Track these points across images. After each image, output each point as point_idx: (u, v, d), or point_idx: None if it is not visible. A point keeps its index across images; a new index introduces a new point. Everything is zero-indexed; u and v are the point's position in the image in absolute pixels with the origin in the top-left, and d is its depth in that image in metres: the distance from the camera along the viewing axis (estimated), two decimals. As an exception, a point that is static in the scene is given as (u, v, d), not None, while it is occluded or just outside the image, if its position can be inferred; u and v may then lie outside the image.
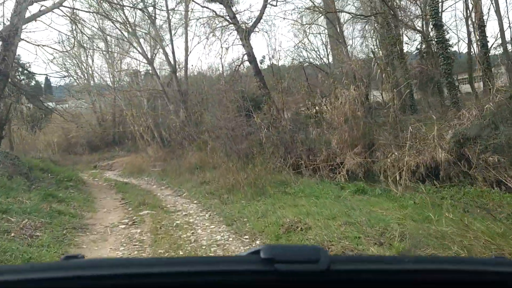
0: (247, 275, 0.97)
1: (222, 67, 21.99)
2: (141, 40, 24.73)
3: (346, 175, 10.00)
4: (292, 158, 11.73)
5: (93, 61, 34.10)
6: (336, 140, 10.86)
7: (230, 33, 19.43)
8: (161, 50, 25.12)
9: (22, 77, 30.93)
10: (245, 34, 17.87)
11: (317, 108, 12.15)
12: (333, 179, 10.14)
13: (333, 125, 11.01)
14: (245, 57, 18.45)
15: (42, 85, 44.06)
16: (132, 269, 0.98)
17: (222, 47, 20.30)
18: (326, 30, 21.16)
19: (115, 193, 12.87)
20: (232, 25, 18.68)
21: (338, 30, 17.86)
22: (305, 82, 14.06)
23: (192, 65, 29.90)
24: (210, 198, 10.30)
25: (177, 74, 25.29)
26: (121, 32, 23.94)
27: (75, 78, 33.51)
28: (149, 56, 24.84)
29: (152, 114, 24.09)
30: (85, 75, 34.33)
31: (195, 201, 10.42)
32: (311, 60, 19.49)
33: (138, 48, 23.96)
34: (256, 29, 18.98)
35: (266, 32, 19.32)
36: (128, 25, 22.37)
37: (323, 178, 10.32)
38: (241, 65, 18.54)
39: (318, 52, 18.09)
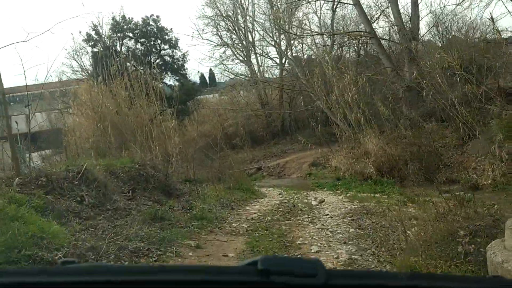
0: (243, 286, 0.96)
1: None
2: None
3: None
4: None
5: (253, 25, 24.81)
6: None
7: None
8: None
9: (165, 47, 23.53)
10: None
11: None
12: None
13: None
14: None
15: (207, 79, 38.59)
16: (128, 276, 0.96)
17: None
18: None
19: None
20: None
21: None
22: None
23: None
24: None
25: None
26: None
27: (230, 46, 24.76)
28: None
29: (353, 77, 12.85)
30: (244, 42, 25.34)
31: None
32: None
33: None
34: None
35: None
36: None
37: None
38: None
39: None
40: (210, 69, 33.99)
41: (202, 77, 39.10)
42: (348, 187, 10.04)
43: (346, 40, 16.01)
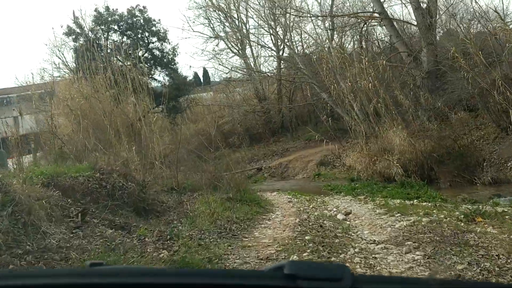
0: None
1: None
2: None
3: None
4: None
5: (247, 14, 23.17)
6: None
7: None
8: None
9: (153, 39, 21.79)
10: None
11: None
12: None
13: None
14: None
15: (201, 77, 37.39)
16: (155, 279, 0.96)
17: None
18: None
19: None
20: None
21: None
22: None
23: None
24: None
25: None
26: None
27: (223, 38, 23.12)
28: None
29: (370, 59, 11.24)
30: (238, 34, 23.72)
31: None
32: None
33: None
34: None
35: None
36: None
37: None
38: None
39: None
40: (204, 68, 32.45)
41: (195, 75, 37.73)
42: (371, 191, 8.42)
43: (352, 24, 14.43)
